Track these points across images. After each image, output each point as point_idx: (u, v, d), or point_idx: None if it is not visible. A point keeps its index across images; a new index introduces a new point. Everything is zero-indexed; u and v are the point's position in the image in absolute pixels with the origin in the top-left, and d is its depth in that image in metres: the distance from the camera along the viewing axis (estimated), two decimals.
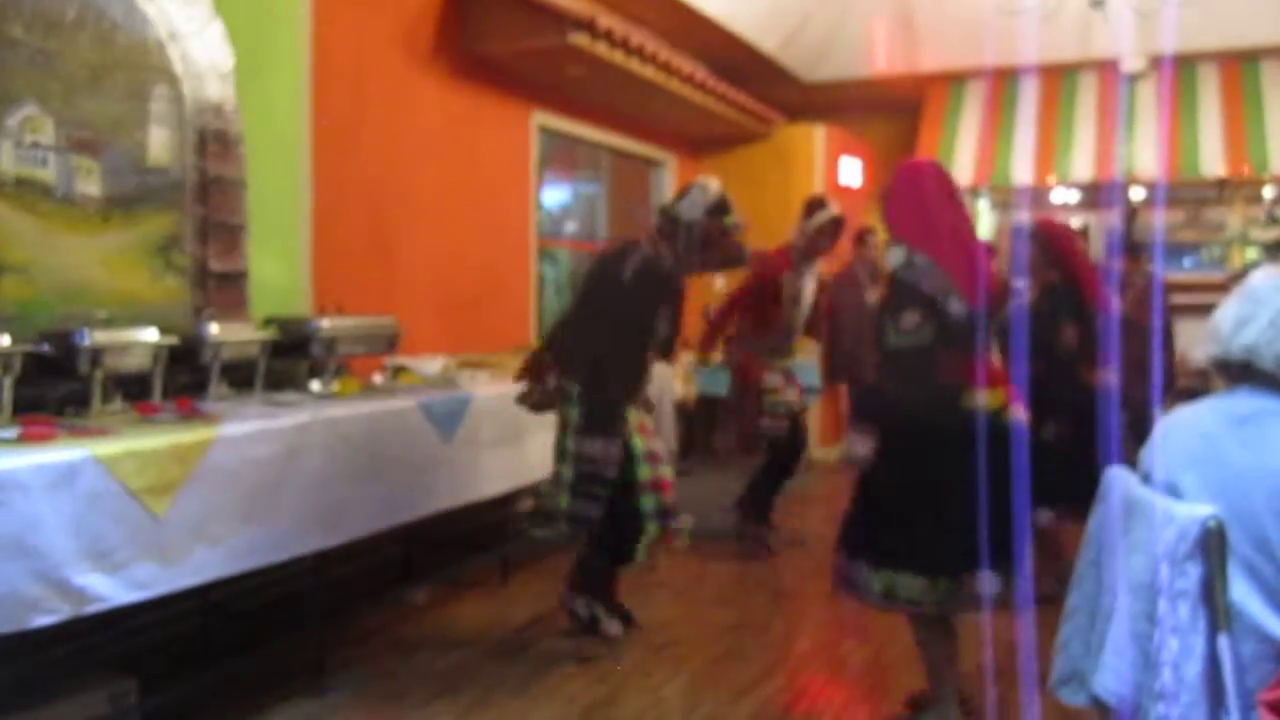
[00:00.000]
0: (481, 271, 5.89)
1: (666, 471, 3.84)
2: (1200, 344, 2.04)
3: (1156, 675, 1.67)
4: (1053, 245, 4.57)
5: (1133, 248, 6.59)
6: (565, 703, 3.39)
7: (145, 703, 3.05)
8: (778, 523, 5.47)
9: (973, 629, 3.29)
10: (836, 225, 5.19)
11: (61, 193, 3.36)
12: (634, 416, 3.80)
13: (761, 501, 5.41)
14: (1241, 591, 1.74)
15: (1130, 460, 2.06)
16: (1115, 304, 4.99)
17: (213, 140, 3.85)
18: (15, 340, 2.89)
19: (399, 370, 4.38)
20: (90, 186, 3.46)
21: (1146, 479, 1.98)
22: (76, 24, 3.39)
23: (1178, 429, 1.98)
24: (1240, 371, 1.94)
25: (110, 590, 2.58)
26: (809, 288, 5.32)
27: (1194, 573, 1.69)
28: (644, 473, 3.76)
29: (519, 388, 4.00)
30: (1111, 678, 1.80)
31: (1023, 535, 2.83)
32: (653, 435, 3.91)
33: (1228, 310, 1.98)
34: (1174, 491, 1.89)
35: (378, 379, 4.25)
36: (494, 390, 4.27)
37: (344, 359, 4.07)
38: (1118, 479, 1.97)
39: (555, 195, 7.36)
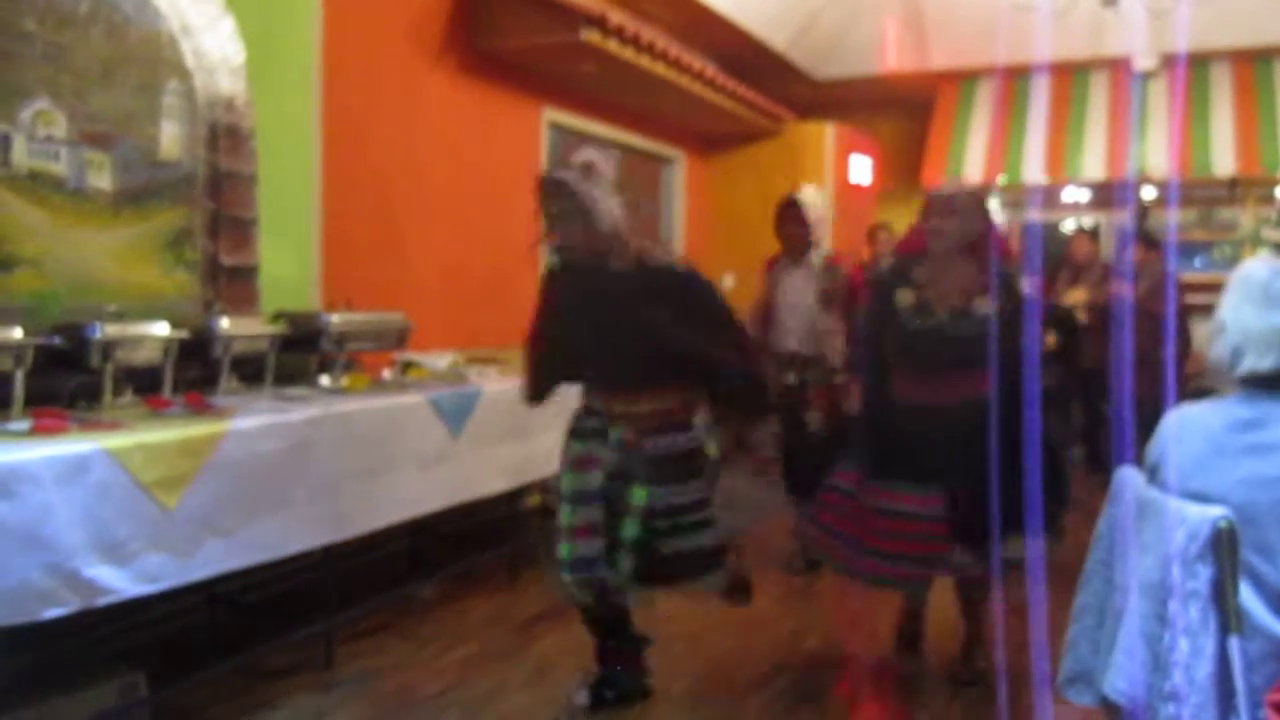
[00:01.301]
0: (491, 267, 5.89)
1: (594, 516, 3.13)
2: (1217, 348, 1.97)
3: (1167, 676, 1.67)
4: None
5: (1148, 238, 6.58)
6: None
7: (154, 695, 3.06)
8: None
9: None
10: (788, 208, 4.80)
11: (73, 186, 3.37)
12: (576, 448, 3.19)
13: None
14: (1244, 595, 1.74)
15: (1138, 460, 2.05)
16: (1128, 292, 4.96)
17: (224, 135, 3.86)
18: (27, 333, 2.91)
19: (408, 365, 4.39)
20: (102, 180, 3.47)
21: (1153, 473, 1.97)
22: (89, 18, 3.40)
23: (1183, 429, 1.96)
24: (1269, 380, 1.89)
25: (120, 582, 2.59)
26: (793, 288, 4.85)
27: (1204, 574, 1.68)
28: (564, 517, 3.18)
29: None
30: (1122, 678, 1.80)
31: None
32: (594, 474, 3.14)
33: (1256, 317, 1.90)
34: (1180, 494, 1.87)
35: (387, 374, 4.25)
36: (503, 385, 4.27)
37: (353, 354, 4.08)
38: (1129, 479, 1.96)
39: None
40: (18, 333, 2.87)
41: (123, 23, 3.52)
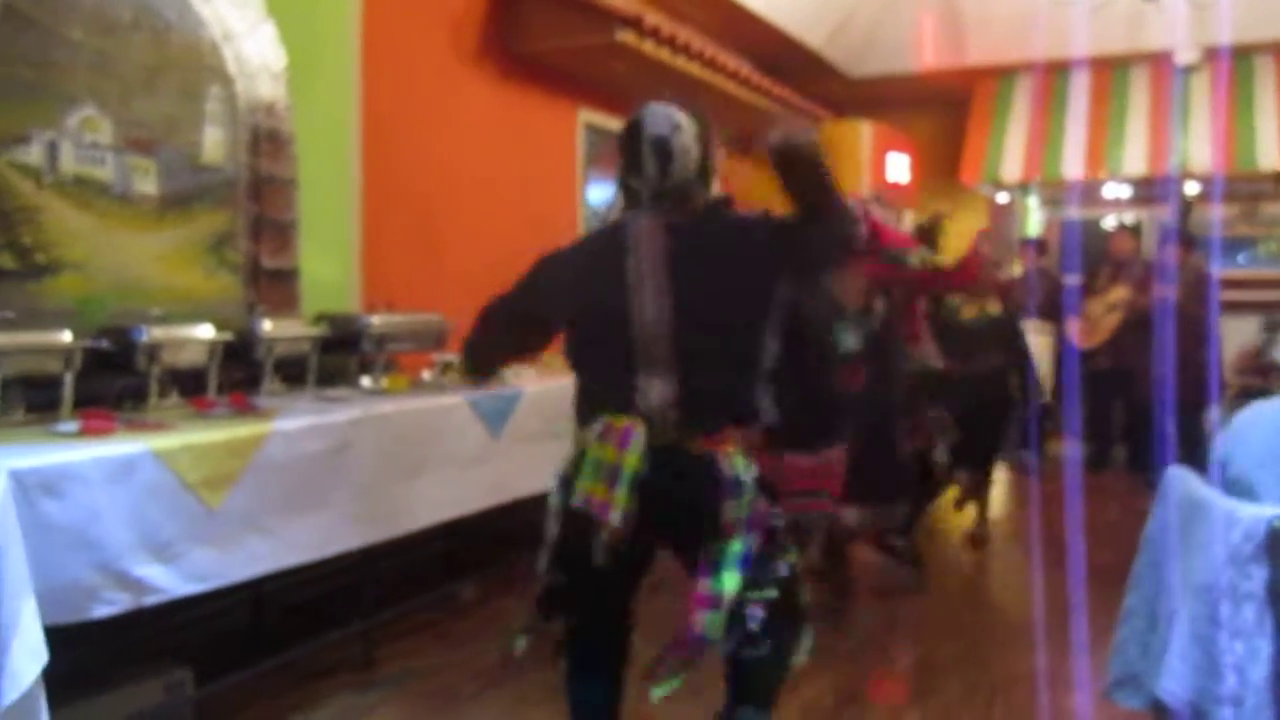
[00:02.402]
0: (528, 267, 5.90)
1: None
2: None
3: (1221, 679, 1.64)
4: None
5: (1185, 238, 6.50)
6: None
7: (199, 692, 3.10)
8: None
9: (1024, 631, 3.25)
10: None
11: (119, 191, 3.42)
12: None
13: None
14: None
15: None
16: (1170, 295, 4.91)
17: (265, 139, 3.90)
18: (74, 336, 2.95)
19: (447, 366, 4.41)
20: (146, 185, 3.52)
21: (1224, 467, 1.93)
22: (133, 25, 3.45)
23: (1256, 424, 1.93)
24: None
25: (168, 582, 2.62)
26: None
27: (1259, 575, 1.65)
28: None
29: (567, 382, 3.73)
30: (1174, 681, 1.77)
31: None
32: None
33: None
34: (1248, 488, 1.84)
35: (426, 375, 4.27)
36: (542, 386, 4.28)
37: (393, 355, 4.11)
38: (1177, 479, 1.94)
39: (601, 193, 7.36)
40: (67, 336, 2.92)
41: (165, 30, 3.57)
